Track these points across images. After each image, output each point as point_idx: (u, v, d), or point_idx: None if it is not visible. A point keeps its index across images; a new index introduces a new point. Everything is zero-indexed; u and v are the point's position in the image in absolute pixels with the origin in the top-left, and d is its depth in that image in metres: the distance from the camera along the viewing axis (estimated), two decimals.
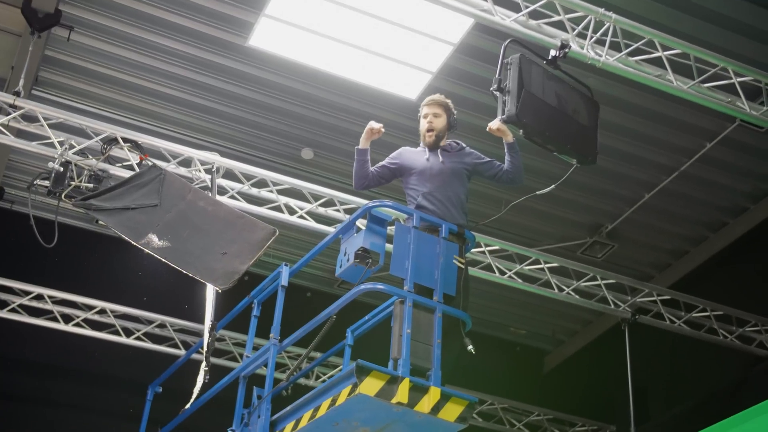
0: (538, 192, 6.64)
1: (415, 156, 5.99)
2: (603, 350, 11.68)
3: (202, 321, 7.20)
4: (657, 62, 7.02)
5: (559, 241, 10.48)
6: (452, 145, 6.03)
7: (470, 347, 5.20)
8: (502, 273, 9.57)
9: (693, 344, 10.28)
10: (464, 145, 6.08)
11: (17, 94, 7.75)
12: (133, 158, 8.00)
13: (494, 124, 5.85)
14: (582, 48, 6.76)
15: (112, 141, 8.00)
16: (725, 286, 10.40)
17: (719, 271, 10.50)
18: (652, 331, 10.25)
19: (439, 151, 5.94)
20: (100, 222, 7.25)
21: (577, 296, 9.92)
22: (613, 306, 10.06)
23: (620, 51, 6.89)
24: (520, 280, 9.66)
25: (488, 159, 6.00)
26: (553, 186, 6.51)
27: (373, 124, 5.91)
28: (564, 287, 9.86)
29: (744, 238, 10.16)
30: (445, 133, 6.01)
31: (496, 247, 9.49)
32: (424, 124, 6.00)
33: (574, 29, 6.76)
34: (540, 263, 9.70)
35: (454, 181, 5.84)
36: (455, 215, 5.69)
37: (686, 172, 9.49)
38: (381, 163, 6.06)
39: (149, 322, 10.25)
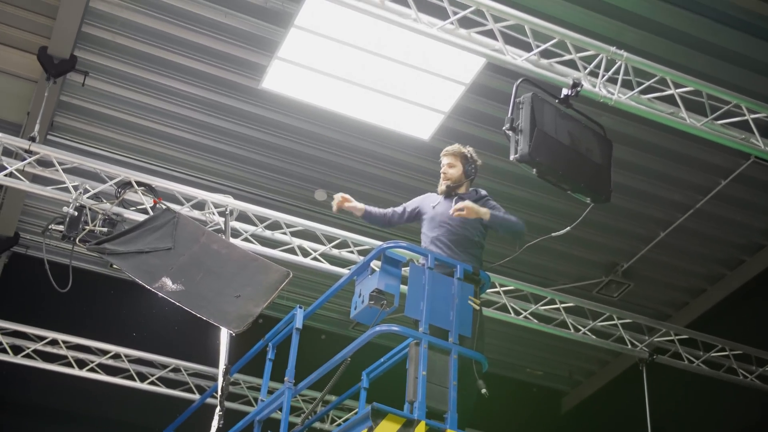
0: (554, 234, 6.62)
1: (430, 202, 6.13)
2: (621, 391, 11.55)
3: (216, 365, 7.16)
4: (670, 100, 7.01)
5: (574, 281, 10.42)
6: (471, 193, 6.07)
7: (483, 390, 5.14)
8: (518, 313, 9.51)
9: (712, 384, 10.15)
10: (485, 194, 6.10)
11: (33, 139, 7.82)
12: (147, 202, 8.04)
13: (459, 208, 5.71)
14: (594, 86, 6.75)
15: (126, 185, 8.05)
16: (744, 324, 10.28)
17: (737, 310, 10.39)
18: (671, 371, 10.13)
19: (455, 198, 6.00)
20: (114, 266, 7.23)
21: (593, 336, 9.84)
22: (630, 346, 9.96)
23: (632, 89, 6.88)
24: (535, 321, 9.59)
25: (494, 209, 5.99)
26: (569, 227, 6.50)
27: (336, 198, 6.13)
28: (580, 327, 9.79)
29: (762, 275, 10.07)
30: (461, 181, 6.10)
31: (511, 288, 9.44)
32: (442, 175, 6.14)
33: (585, 68, 6.77)
34: (555, 303, 9.63)
35: (463, 227, 5.86)
36: (462, 259, 5.66)
37: (701, 210, 9.44)
38: (403, 205, 6.25)
39: (163, 366, 10.22)
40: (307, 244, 8.75)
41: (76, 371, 9.83)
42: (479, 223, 5.88)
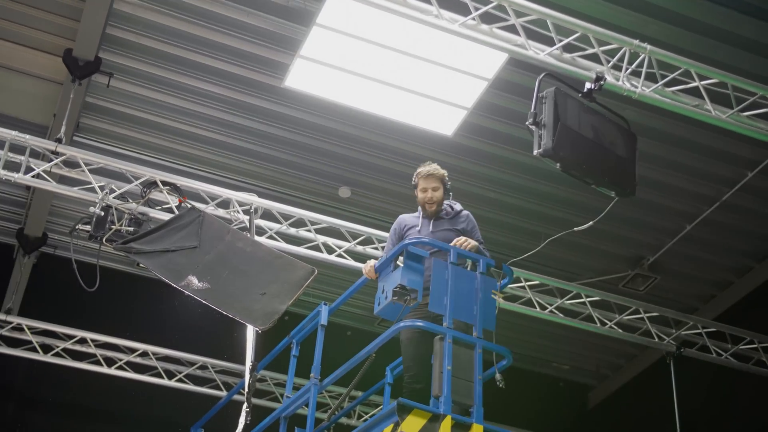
0: (576, 228, 6.60)
1: (410, 228, 5.99)
2: (648, 385, 11.50)
3: (242, 362, 7.20)
4: (694, 92, 6.96)
5: (599, 275, 10.37)
6: (447, 211, 6.02)
7: (500, 383, 5.13)
8: (543, 308, 9.50)
9: (741, 377, 10.08)
10: (460, 208, 6.06)
11: (59, 140, 7.91)
12: (173, 201, 8.10)
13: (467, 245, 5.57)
14: (617, 80, 6.72)
15: (151, 184, 8.12)
16: None
17: (765, 302, 10.31)
18: (699, 364, 10.08)
19: (432, 221, 5.94)
20: (141, 265, 7.30)
21: (620, 330, 9.80)
22: (657, 339, 9.92)
23: (656, 82, 6.84)
24: (561, 315, 9.57)
25: (473, 230, 5.94)
26: (591, 222, 6.47)
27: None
28: (606, 321, 9.75)
29: None
30: (442, 204, 6.03)
31: (537, 282, 9.43)
32: (423, 197, 6.00)
33: (608, 61, 6.74)
34: (581, 297, 9.61)
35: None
36: None
37: (728, 202, 9.36)
38: (392, 252, 5.76)
39: (191, 363, 10.29)
40: (331, 241, 8.78)
41: (104, 369, 9.92)
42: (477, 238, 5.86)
